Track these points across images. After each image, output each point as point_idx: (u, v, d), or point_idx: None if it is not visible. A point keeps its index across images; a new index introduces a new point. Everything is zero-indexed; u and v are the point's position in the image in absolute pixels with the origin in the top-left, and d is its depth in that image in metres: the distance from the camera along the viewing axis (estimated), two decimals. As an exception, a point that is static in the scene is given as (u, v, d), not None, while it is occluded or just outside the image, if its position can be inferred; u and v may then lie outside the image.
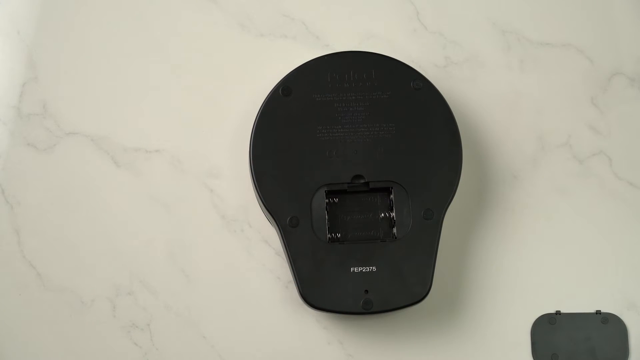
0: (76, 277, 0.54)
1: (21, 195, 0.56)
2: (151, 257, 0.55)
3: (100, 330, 0.54)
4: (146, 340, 0.54)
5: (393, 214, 0.52)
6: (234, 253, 0.55)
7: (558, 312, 0.54)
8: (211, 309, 0.54)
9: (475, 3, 0.62)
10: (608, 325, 0.54)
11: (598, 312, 0.54)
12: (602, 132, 0.59)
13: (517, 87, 0.60)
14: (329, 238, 0.51)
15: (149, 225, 0.56)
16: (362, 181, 0.52)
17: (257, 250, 0.55)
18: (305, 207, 0.51)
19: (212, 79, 0.59)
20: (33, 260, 0.55)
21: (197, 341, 0.54)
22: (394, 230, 0.52)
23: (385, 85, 0.54)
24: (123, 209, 0.56)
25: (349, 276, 0.50)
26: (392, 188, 0.52)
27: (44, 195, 0.56)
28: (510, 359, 0.54)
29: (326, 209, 0.52)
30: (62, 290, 0.54)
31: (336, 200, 0.52)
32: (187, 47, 0.60)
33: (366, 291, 0.50)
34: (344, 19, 0.61)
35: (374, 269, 0.50)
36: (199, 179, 0.57)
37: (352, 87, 0.54)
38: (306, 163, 0.52)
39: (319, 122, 0.53)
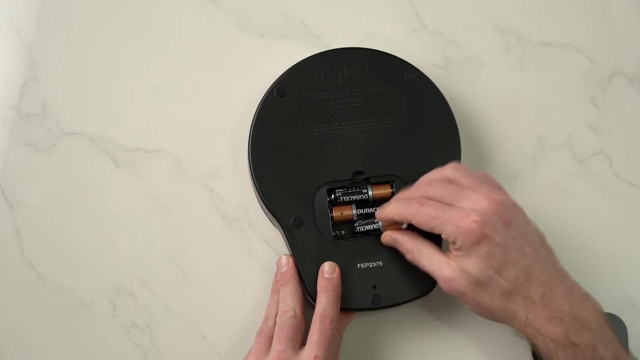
0: (76, 277, 0.54)
1: (21, 195, 0.56)
2: (151, 257, 0.55)
3: (100, 330, 0.54)
4: (146, 340, 0.54)
5: None
6: (234, 253, 0.55)
7: None
8: (211, 309, 0.54)
9: (475, 3, 0.62)
10: None
11: None
12: (602, 132, 0.59)
13: (517, 87, 0.60)
14: (334, 236, 0.51)
15: (149, 225, 0.56)
16: (362, 177, 0.52)
17: (257, 250, 0.55)
18: (308, 206, 0.51)
19: (212, 79, 0.59)
20: (33, 260, 0.55)
21: (197, 341, 0.54)
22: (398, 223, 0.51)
23: (379, 80, 0.54)
24: (123, 209, 0.56)
25: (356, 273, 0.50)
26: (393, 182, 0.52)
27: (44, 195, 0.56)
28: (509, 355, 0.54)
29: (329, 207, 0.52)
30: (62, 290, 0.54)
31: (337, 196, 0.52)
32: (187, 47, 0.60)
33: (374, 286, 0.50)
34: (344, 19, 0.61)
35: (381, 263, 0.50)
36: (199, 179, 0.57)
37: (346, 83, 0.54)
38: (306, 163, 0.52)
39: (316, 121, 0.53)
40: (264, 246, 0.56)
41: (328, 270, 0.50)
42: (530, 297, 0.44)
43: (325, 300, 0.49)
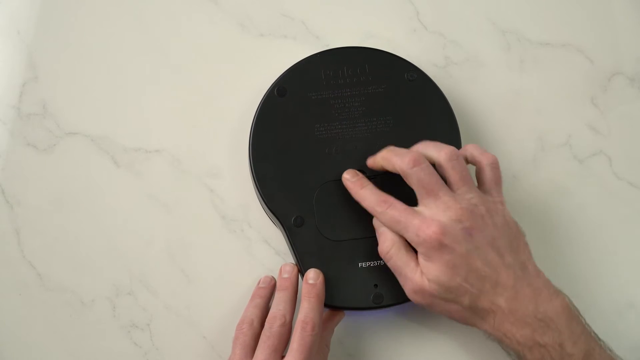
0: (76, 277, 0.54)
1: (21, 195, 0.56)
2: (151, 257, 0.55)
3: (100, 330, 0.54)
4: (146, 340, 0.54)
5: None
6: (234, 253, 0.55)
7: None
8: (211, 309, 0.54)
9: (475, 3, 0.62)
10: None
11: None
12: (602, 132, 0.59)
13: (517, 87, 0.60)
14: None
15: (149, 225, 0.56)
16: None
17: (257, 250, 0.56)
18: (309, 205, 0.51)
19: (212, 79, 0.59)
20: (33, 260, 0.55)
21: (197, 341, 0.54)
22: None
23: (379, 79, 0.54)
24: (123, 209, 0.56)
25: (358, 272, 0.50)
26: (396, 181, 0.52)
27: (44, 195, 0.56)
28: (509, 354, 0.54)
29: (331, 207, 0.52)
30: (62, 290, 0.54)
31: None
32: (187, 47, 0.60)
33: (375, 285, 0.50)
34: (344, 19, 0.62)
35: (382, 263, 0.50)
36: (199, 179, 0.57)
37: (346, 83, 0.54)
38: (306, 162, 0.52)
39: (317, 120, 0.53)
40: (264, 246, 0.56)
41: (312, 277, 0.49)
42: (496, 302, 0.45)
43: (307, 306, 0.48)
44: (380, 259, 0.50)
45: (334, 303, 0.50)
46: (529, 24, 0.61)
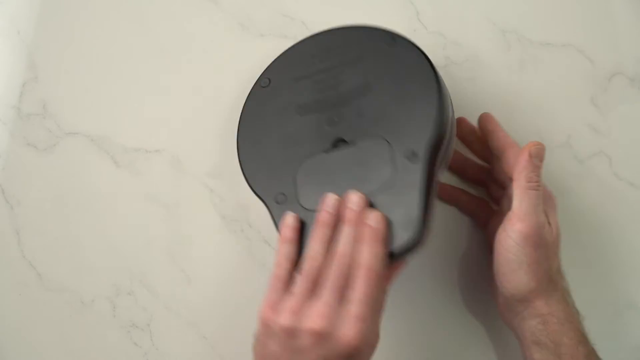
0: (76, 277, 0.54)
1: (21, 195, 0.56)
2: (151, 257, 0.55)
3: (100, 330, 0.54)
4: (146, 340, 0.54)
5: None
6: (234, 253, 0.55)
7: None
8: (211, 309, 0.54)
9: (475, 3, 0.62)
10: None
11: None
12: (602, 132, 0.59)
13: (517, 87, 0.60)
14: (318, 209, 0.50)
15: (149, 225, 0.56)
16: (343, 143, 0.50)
17: (257, 250, 0.56)
18: (290, 182, 0.51)
19: (212, 79, 0.59)
20: (33, 260, 0.55)
21: (197, 341, 0.54)
22: (380, 182, 0.48)
23: (359, 52, 0.53)
24: (123, 209, 0.56)
25: None
26: (375, 141, 0.50)
27: (44, 195, 0.56)
28: (507, 353, 0.54)
29: (311, 180, 0.50)
30: (62, 290, 0.54)
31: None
32: (187, 47, 0.60)
33: None
34: (344, 19, 0.61)
35: None
36: (199, 179, 0.57)
37: (328, 63, 0.53)
38: (287, 141, 0.52)
39: (300, 104, 0.52)
40: (264, 246, 0.56)
41: (375, 219, 0.44)
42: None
43: (369, 253, 0.43)
44: None
45: None
46: (529, 24, 0.61)
